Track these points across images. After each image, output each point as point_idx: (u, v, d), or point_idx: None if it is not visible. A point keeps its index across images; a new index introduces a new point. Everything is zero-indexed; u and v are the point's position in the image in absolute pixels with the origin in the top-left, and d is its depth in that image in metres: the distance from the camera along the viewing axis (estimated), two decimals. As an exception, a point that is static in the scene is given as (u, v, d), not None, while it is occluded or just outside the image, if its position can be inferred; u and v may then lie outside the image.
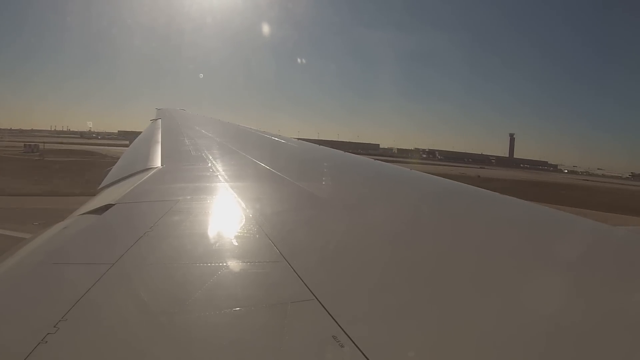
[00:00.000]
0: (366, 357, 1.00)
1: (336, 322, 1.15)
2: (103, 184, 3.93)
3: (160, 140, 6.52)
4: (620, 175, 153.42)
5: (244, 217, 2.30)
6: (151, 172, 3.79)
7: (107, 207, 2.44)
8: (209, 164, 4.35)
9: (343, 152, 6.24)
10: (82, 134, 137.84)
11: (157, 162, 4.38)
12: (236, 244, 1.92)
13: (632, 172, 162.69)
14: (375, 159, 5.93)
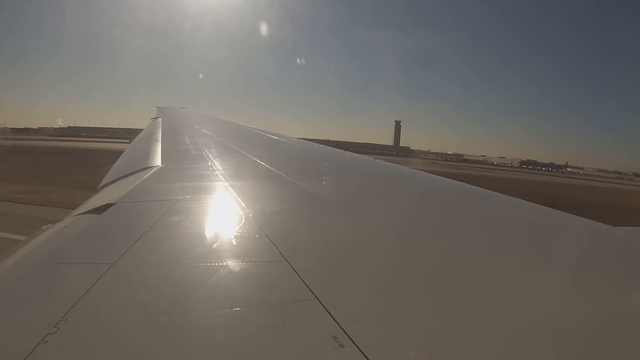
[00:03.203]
0: (366, 357, 1.00)
1: (336, 322, 1.14)
2: (103, 182, 3.92)
3: (160, 138, 6.52)
4: (510, 164, 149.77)
5: (243, 217, 2.29)
6: (151, 171, 3.79)
7: (107, 206, 2.44)
8: (209, 163, 4.35)
9: (344, 151, 6.23)
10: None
11: (157, 161, 4.38)
12: (236, 243, 1.92)
13: (527, 159, 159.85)
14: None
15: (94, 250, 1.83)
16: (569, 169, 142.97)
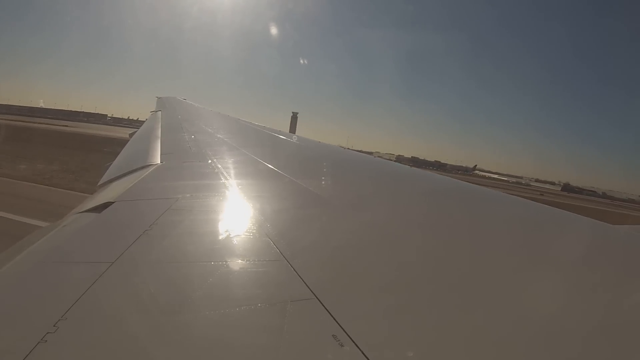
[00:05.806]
0: (366, 356, 1.00)
1: (336, 321, 1.15)
2: (102, 180, 3.91)
3: (160, 135, 6.50)
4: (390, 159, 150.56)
5: (244, 216, 2.29)
6: (151, 169, 3.78)
7: (106, 205, 2.43)
8: (210, 161, 4.34)
9: (347, 150, 6.22)
10: None
11: (157, 159, 4.37)
12: (236, 242, 1.92)
13: (412, 156, 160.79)
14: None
15: (94, 249, 1.83)
16: (480, 172, 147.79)
